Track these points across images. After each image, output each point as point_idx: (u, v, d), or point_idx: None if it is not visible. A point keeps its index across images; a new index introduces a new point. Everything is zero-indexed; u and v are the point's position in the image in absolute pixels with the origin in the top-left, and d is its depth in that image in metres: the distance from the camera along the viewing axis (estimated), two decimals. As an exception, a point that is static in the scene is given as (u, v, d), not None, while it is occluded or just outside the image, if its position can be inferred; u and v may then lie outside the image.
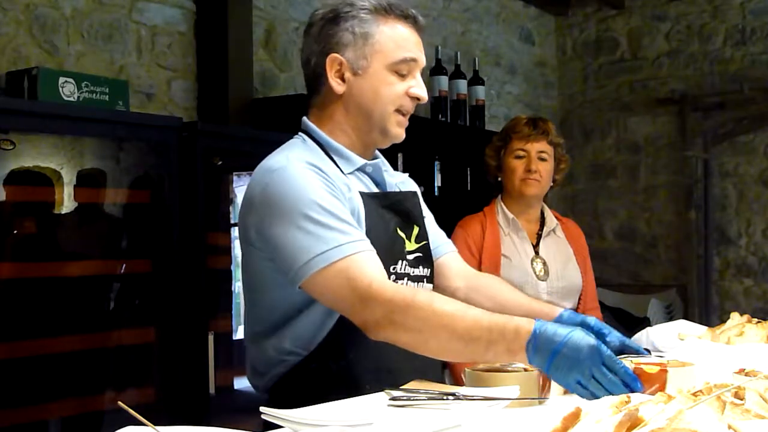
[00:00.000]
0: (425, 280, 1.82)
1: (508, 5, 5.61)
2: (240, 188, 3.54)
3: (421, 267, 1.80)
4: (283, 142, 1.82)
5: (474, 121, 4.64)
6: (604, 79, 5.84)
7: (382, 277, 1.57)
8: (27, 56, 3.07)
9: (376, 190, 1.80)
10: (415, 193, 1.89)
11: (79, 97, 2.85)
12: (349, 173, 1.74)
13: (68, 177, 2.75)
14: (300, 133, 1.80)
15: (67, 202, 2.79)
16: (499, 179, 2.94)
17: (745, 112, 5.32)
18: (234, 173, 3.39)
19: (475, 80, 4.68)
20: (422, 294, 1.58)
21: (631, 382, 1.42)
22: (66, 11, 3.22)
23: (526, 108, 5.58)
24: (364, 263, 1.56)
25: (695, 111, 5.44)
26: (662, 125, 5.62)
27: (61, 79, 2.82)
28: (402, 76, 1.73)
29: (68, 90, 2.82)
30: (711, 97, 5.39)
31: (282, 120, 3.56)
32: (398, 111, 1.74)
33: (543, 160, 2.87)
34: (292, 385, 1.70)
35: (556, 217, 3.00)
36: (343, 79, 1.72)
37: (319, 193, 1.61)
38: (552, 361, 1.44)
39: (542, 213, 2.98)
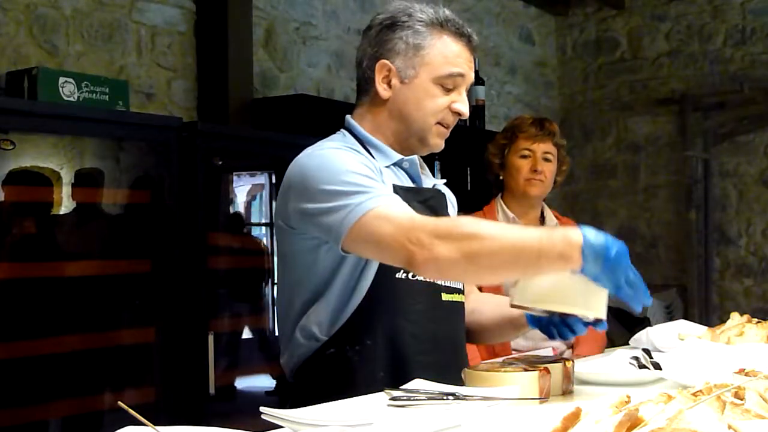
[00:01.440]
0: None
1: (508, 5, 5.61)
2: (240, 188, 3.54)
3: None
4: (283, 142, 1.85)
5: (474, 121, 4.64)
6: (604, 79, 5.84)
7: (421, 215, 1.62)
8: (27, 56, 3.07)
9: (411, 185, 1.85)
10: (444, 194, 1.93)
11: (79, 97, 2.85)
12: (385, 167, 1.79)
13: (68, 177, 2.75)
14: (342, 129, 1.87)
15: (66, 202, 2.79)
16: (501, 177, 2.93)
17: (745, 112, 5.32)
18: (234, 173, 3.39)
19: (475, 80, 4.66)
20: (465, 217, 1.64)
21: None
22: (66, 11, 3.22)
23: (526, 108, 5.57)
24: (400, 205, 1.62)
25: (695, 111, 5.44)
26: (662, 125, 5.62)
27: (61, 79, 2.82)
28: (447, 90, 1.78)
29: (68, 90, 2.82)
30: (711, 97, 5.39)
31: (282, 120, 3.57)
32: (440, 123, 1.80)
33: (548, 161, 2.86)
34: (312, 370, 1.75)
35: (555, 217, 2.99)
36: (389, 85, 1.78)
37: (352, 164, 1.68)
38: (606, 267, 1.50)
39: (542, 213, 2.97)
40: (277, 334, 1.91)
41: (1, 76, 2.94)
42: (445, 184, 2.01)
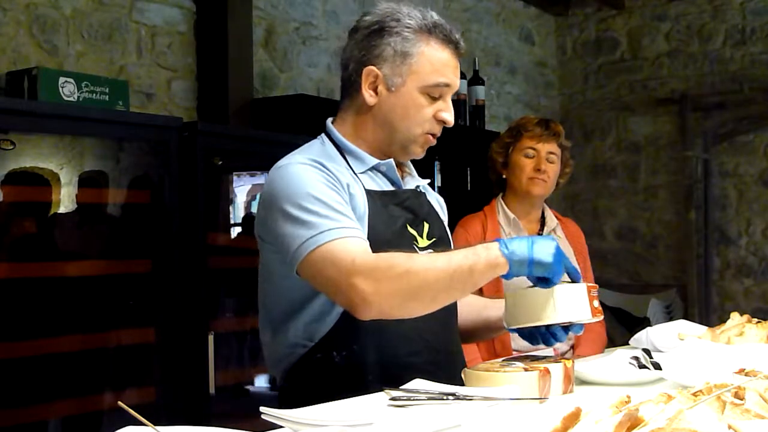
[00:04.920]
0: None
1: (508, 5, 5.61)
2: (240, 188, 3.54)
3: None
4: (283, 142, 1.84)
5: (474, 121, 4.64)
6: (604, 79, 5.84)
7: (365, 253, 1.60)
8: (27, 56, 3.07)
9: (390, 188, 1.83)
10: (422, 192, 1.91)
11: (79, 97, 2.85)
12: (361, 173, 1.78)
13: (68, 177, 2.75)
14: (322, 134, 1.85)
15: (67, 203, 2.79)
16: (504, 176, 2.92)
17: (745, 112, 5.32)
18: (234, 173, 3.39)
19: (475, 80, 4.68)
20: (398, 253, 1.64)
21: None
22: (66, 11, 3.22)
23: (526, 108, 5.58)
24: (349, 245, 1.60)
25: (695, 111, 5.44)
26: (662, 125, 5.62)
27: (61, 79, 2.82)
28: (433, 98, 1.76)
29: (68, 90, 2.82)
30: (711, 97, 5.39)
31: (282, 120, 3.57)
32: (425, 133, 1.79)
33: (551, 161, 2.86)
34: (300, 376, 1.74)
35: (556, 217, 2.99)
36: (376, 92, 1.76)
37: (314, 186, 1.66)
38: (533, 247, 1.60)
39: (543, 213, 2.97)
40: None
41: (1, 76, 2.94)
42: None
